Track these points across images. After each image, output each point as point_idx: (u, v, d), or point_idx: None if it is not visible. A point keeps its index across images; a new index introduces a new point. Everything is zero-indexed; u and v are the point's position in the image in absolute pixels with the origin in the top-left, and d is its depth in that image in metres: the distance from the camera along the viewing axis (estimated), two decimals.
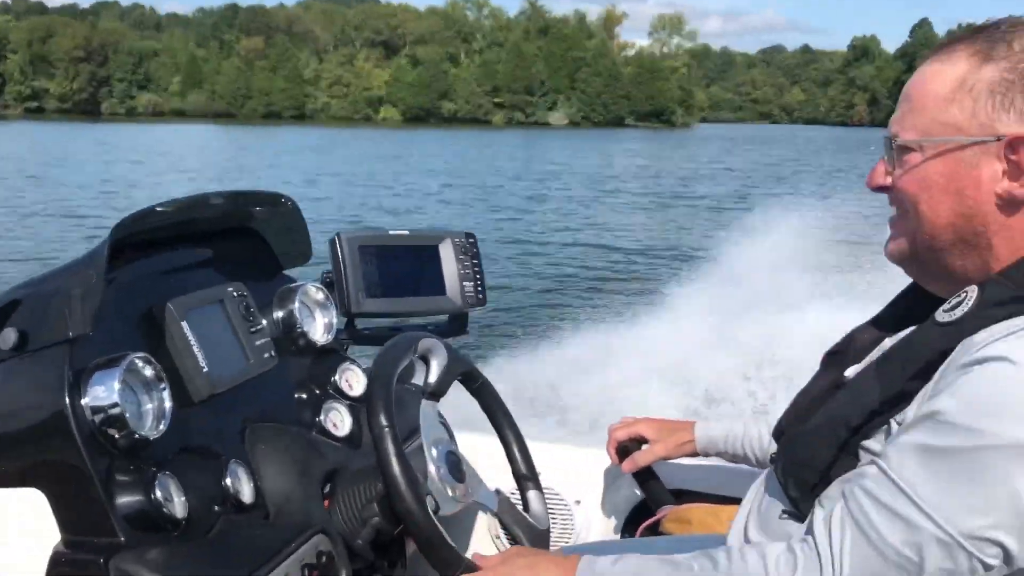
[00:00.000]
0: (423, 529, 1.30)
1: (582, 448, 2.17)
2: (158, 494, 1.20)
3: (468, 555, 1.33)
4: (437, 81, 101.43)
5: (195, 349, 1.42)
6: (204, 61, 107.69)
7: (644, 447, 1.89)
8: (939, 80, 1.11)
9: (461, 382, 1.63)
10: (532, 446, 1.71)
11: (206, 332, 1.47)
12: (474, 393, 1.65)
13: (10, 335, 1.22)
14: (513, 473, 1.64)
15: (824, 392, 1.26)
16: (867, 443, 1.10)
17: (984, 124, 1.07)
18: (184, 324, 1.42)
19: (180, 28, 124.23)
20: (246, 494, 1.36)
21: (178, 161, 32.50)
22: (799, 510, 1.18)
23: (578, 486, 2.12)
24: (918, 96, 1.13)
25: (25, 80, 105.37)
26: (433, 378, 1.55)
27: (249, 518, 1.35)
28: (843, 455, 1.12)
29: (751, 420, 1.79)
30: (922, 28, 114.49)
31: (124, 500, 1.18)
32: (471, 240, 2.09)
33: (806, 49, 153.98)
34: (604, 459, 2.06)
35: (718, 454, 1.82)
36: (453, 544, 1.31)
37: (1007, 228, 1.08)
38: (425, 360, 1.56)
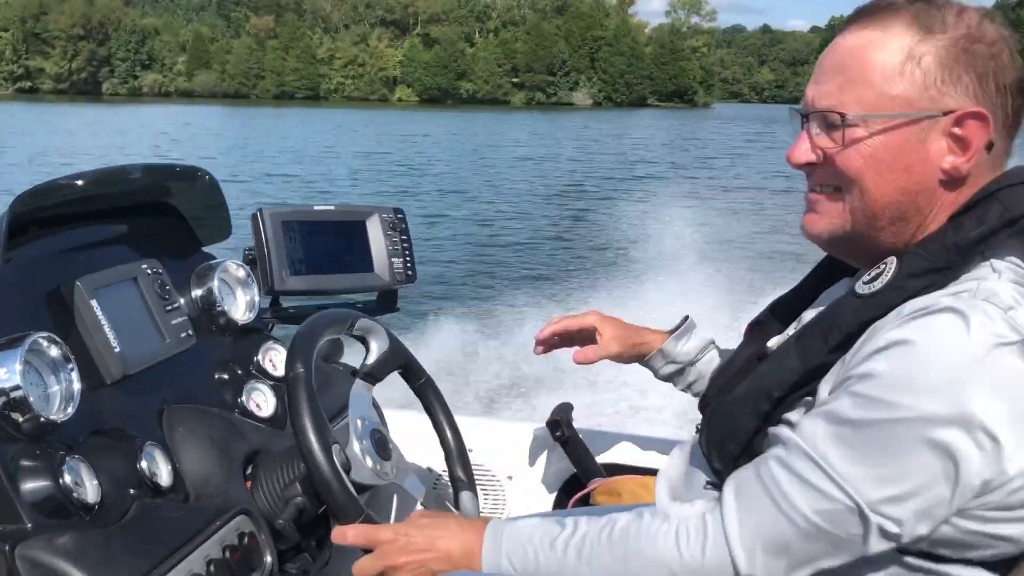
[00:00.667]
0: (323, 472, 1.25)
1: (514, 423, 2.17)
2: (67, 479, 1.15)
3: None
4: (454, 61, 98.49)
5: (106, 328, 1.37)
6: (211, 40, 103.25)
7: (598, 342, 1.67)
8: (881, 51, 1.07)
9: (402, 375, 1.60)
10: (464, 422, 1.69)
11: (118, 311, 1.42)
12: (416, 390, 1.62)
13: None
14: (449, 475, 1.62)
15: (747, 363, 1.27)
16: (788, 415, 1.11)
17: (933, 98, 1.06)
18: (94, 303, 1.37)
19: (180, 6, 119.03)
20: (163, 477, 1.32)
21: (184, 143, 31.15)
22: (722, 481, 1.18)
23: (510, 462, 2.11)
24: (857, 68, 1.09)
25: (18, 59, 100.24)
26: (371, 360, 1.52)
27: (166, 501, 1.31)
28: (766, 426, 1.12)
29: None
30: None
31: (30, 486, 1.13)
32: (400, 216, 2.05)
33: (766, 29, 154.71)
34: (537, 435, 2.06)
35: (674, 369, 1.67)
36: (356, 495, 1.27)
37: (946, 203, 1.08)
38: (363, 341, 1.53)
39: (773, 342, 1.27)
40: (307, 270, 1.89)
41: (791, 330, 1.25)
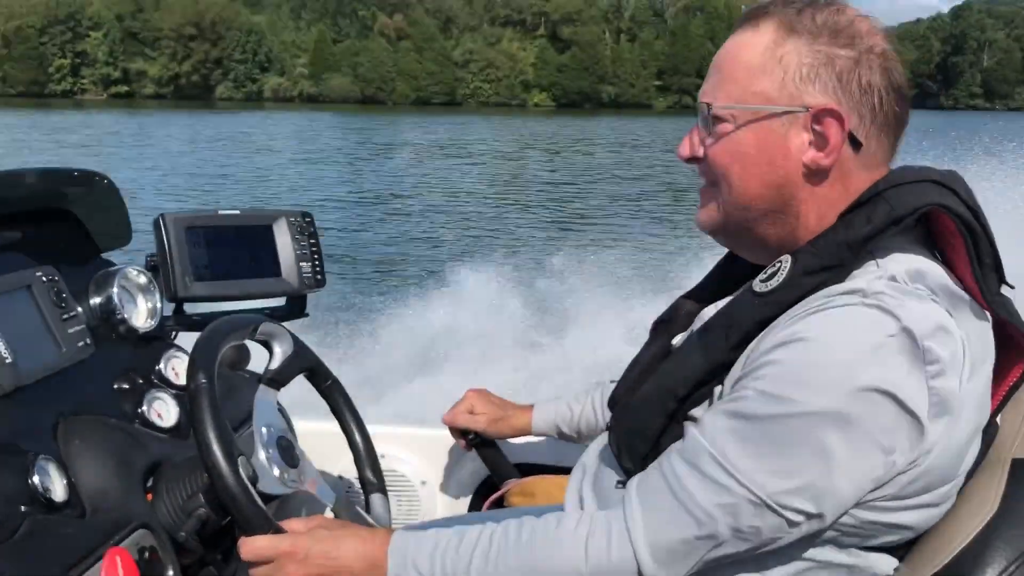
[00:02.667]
0: (228, 483, 1.22)
1: (426, 428, 2.16)
2: None
3: None
4: (595, 63, 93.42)
5: None
6: (335, 41, 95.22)
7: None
8: (748, 50, 1.13)
9: (308, 379, 1.57)
10: (376, 429, 1.68)
11: (11, 321, 1.37)
12: (322, 393, 1.60)
13: None
14: (359, 479, 1.60)
15: (653, 361, 1.28)
16: (693, 412, 1.13)
17: (793, 95, 1.10)
18: None
19: (290, 4, 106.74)
20: (57, 492, 1.27)
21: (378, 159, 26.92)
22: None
23: (423, 467, 2.10)
24: (728, 66, 1.15)
25: (115, 61, 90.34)
26: (275, 365, 1.49)
27: (61, 517, 1.26)
28: (672, 424, 1.13)
29: (580, 396, 1.79)
30: None
31: None
32: (308, 219, 2.02)
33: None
34: (449, 439, 2.05)
35: (558, 435, 1.82)
36: (263, 507, 1.24)
37: (815, 197, 1.12)
38: (267, 346, 1.50)
39: (677, 339, 1.29)
40: (212, 276, 1.84)
41: (696, 325, 1.27)
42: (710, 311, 1.24)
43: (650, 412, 1.15)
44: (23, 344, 1.37)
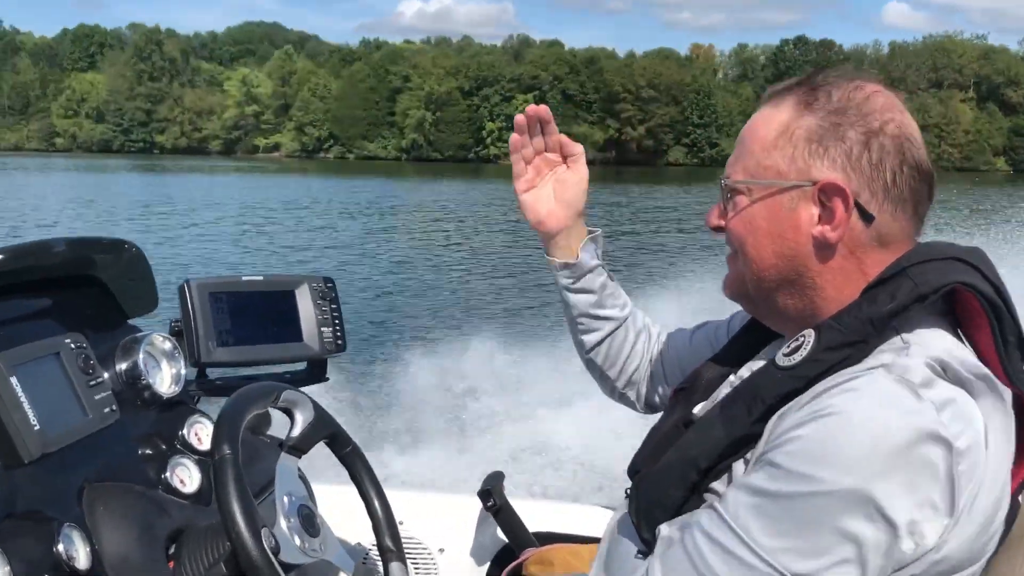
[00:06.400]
0: (252, 556, 1.23)
1: (445, 495, 2.16)
2: None
3: None
4: None
5: (25, 406, 1.34)
6: None
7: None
8: (766, 126, 1.17)
9: (328, 445, 1.58)
10: (395, 495, 1.68)
11: (39, 387, 1.39)
12: (342, 460, 1.61)
13: None
14: (377, 546, 1.60)
15: (674, 430, 1.28)
16: (714, 484, 1.12)
17: (801, 169, 1.13)
18: (13, 379, 1.34)
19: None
20: (81, 560, 1.28)
21: None
22: (651, 552, 1.18)
23: (441, 533, 2.09)
24: (748, 140, 1.19)
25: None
26: (296, 432, 1.50)
27: None
28: (693, 496, 1.13)
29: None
30: None
31: None
32: (329, 285, 2.05)
33: None
34: (467, 506, 2.05)
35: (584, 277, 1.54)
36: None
37: (829, 270, 1.14)
38: (289, 413, 1.52)
39: (699, 408, 1.29)
40: (235, 341, 1.87)
41: (721, 394, 1.27)
42: (733, 379, 1.25)
43: (671, 483, 1.15)
44: (50, 410, 1.39)
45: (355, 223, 24.73)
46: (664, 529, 1.13)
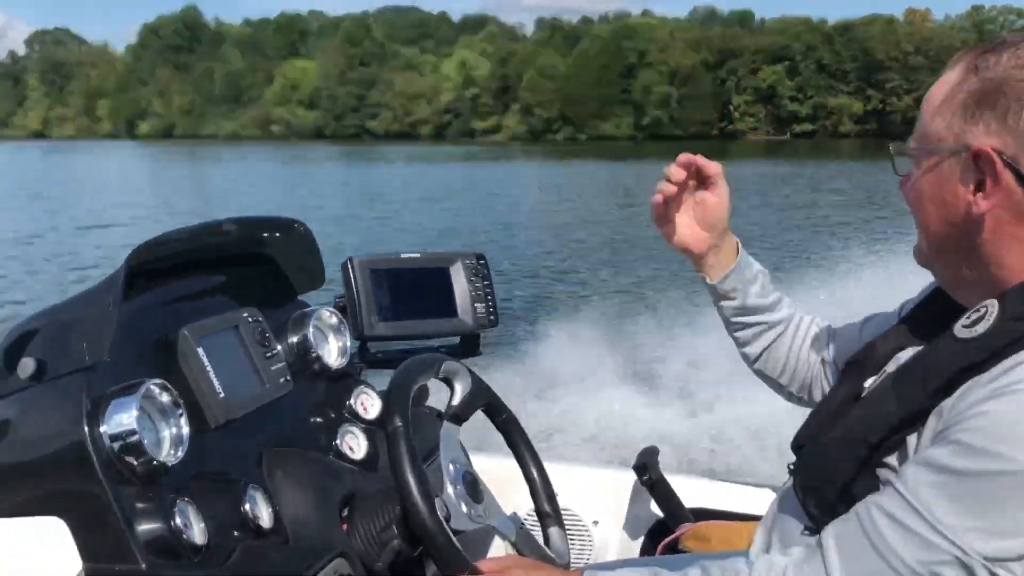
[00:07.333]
0: (427, 526, 1.28)
1: (600, 468, 2.17)
2: (177, 521, 1.19)
3: None
4: None
5: (211, 375, 1.42)
6: None
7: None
8: (937, 91, 1.13)
9: (485, 412, 1.62)
10: (550, 467, 1.70)
11: (221, 357, 1.47)
12: (499, 426, 1.65)
13: (28, 364, 1.23)
14: (536, 511, 1.63)
15: (843, 404, 1.25)
16: (887, 459, 1.10)
17: (958, 135, 1.09)
18: (200, 350, 1.43)
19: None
20: (265, 519, 1.36)
21: None
22: (819, 527, 1.16)
23: (596, 506, 2.11)
24: (924, 105, 1.15)
25: (805, 98, 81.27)
26: (456, 401, 1.55)
27: (268, 543, 1.34)
28: (863, 472, 1.10)
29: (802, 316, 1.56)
30: None
31: (144, 527, 1.17)
32: (482, 261, 2.09)
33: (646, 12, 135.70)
34: (622, 479, 2.06)
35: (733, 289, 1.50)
36: (459, 547, 1.30)
37: (1002, 238, 1.08)
38: (448, 383, 1.56)
39: (869, 383, 1.25)
40: (394, 316, 1.93)
41: (889, 368, 1.23)
42: (907, 354, 1.20)
43: (840, 458, 1.13)
44: (232, 380, 1.47)
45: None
46: (840, 507, 1.11)
